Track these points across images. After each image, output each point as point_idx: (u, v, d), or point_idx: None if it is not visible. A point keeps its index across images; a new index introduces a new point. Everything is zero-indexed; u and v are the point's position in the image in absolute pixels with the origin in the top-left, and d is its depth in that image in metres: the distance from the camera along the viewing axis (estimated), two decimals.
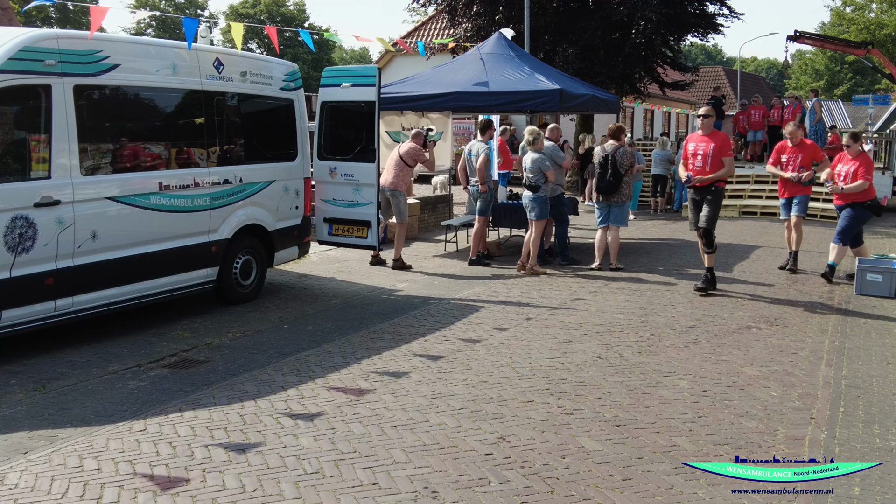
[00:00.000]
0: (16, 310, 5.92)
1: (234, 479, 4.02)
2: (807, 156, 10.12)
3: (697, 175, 8.64)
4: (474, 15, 19.73)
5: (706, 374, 5.89)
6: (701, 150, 8.67)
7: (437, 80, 12.01)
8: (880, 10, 39.82)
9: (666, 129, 33.67)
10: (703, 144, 8.66)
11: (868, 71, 49.54)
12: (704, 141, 8.69)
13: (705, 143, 8.67)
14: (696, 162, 8.72)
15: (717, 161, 8.59)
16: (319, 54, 61.68)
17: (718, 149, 8.59)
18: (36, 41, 6.02)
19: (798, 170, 9.99)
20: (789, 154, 10.19)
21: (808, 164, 10.05)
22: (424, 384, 5.56)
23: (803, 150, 10.15)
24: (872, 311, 8.17)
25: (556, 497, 3.86)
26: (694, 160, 8.74)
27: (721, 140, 8.76)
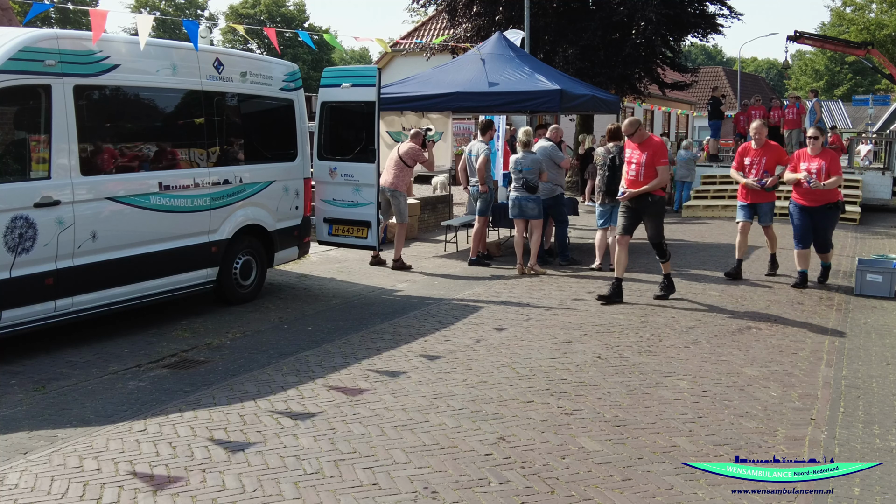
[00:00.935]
0: (16, 310, 5.92)
1: (233, 479, 4.02)
2: (771, 158, 9.38)
3: (631, 184, 8.21)
4: (474, 15, 19.74)
5: (706, 374, 5.89)
6: (635, 159, 8.25)
7: (438, 81, 12.01)
8: (880, 10, 39.83)
9: (666, 130, 33.67)
10: (637, 153, 8.22)
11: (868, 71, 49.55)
12: (638, 149, 8.24)
13: (639, 151, 8.22)
14: (629, 171, 8.32)
15: (651, 170, 8.15)
16: (319, 54, 61.65)
17: (652, 157, 8.14)
18: (36, 41, 6.02)
19: (762, 174, 9.33)
20: (753, 157, 9.46)
21: (772, 167, 9.34)
22: (424, 384, 5.56)
23: (768, 153, 9.41)
24: (872, 311, 8.17)
25: (556, 497, 3.86)
26: (629, 168, 8.36)
27: (655, 147, 8.24)
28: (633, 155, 8.28)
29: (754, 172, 9.36)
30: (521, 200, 9.75)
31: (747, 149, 9.56)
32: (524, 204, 9.74)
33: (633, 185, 8.26)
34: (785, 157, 9.52)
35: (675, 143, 21.44)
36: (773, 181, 9.32)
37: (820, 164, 8.87)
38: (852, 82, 61.73)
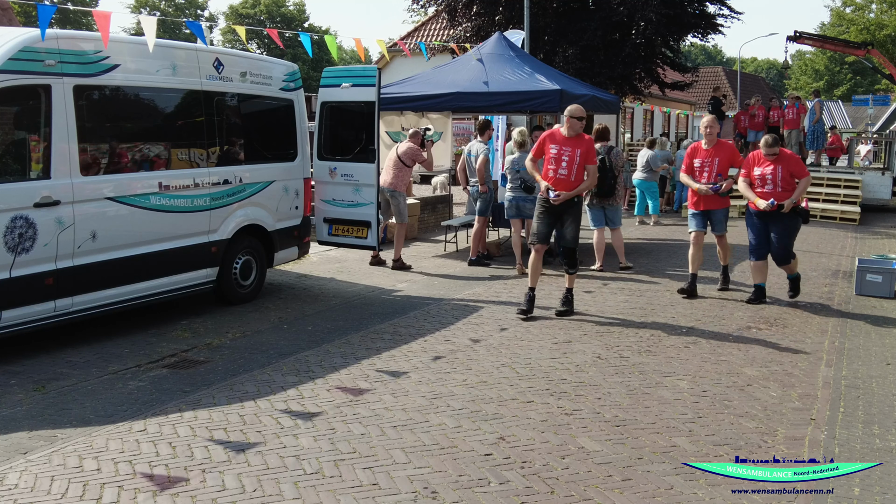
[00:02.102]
0: (16, 310, 5.92)
1: (233, 479, 4.02)
2: (724, 159, 8.35)
3: (560, 185, 7.37)
4: (474, 15, 19.74)
5: (706, 374, 5.89)
6: (566, 156, 7.42)
7: (437, 81, 12.00)
8: (880, 10, 39.86)
9: (666, 130, 33.66)
10: (569, 149, 7.41)
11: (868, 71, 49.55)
12: (570, 145, 7.43)
13: (571, 147, 7.42)
14: (559, 169, 7.43)
15: (582, 169, 7.44)
16: (319, 55, 61.60)
17: (585, 154, 7.43)
18: (36, 41, 6.02)
19: (714, 177, 8.30)
20: (703, 158, 8.38)
21: (725, 169, 8.36)
22: (424, 384, 5.56)
23: (720, 153, 8.35)
24: (872, 311, 8.17)
25: (555, 497, 3.86)
26: (557, 166, 7.45)
27: (587, 145, 7.49)
28: (564, 151, 7.42)
29: (706, 176, 8.34)
30: (519, 201, 9.75)
31: (697, 149, 8.52)
32: (521, 204, 9.74)
33: (562, 184, 7.44)
34: (739, 157, 8.62)
35: (675, 143, 21.44)
36: (728, 185, 8.30)
37: (775, 168, 8.00)
38: (852, 82, 61.76)
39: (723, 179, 8.33)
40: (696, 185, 8.42)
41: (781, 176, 7.95)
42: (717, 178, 8.32)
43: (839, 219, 16.23)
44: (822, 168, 18.54)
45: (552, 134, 7.63)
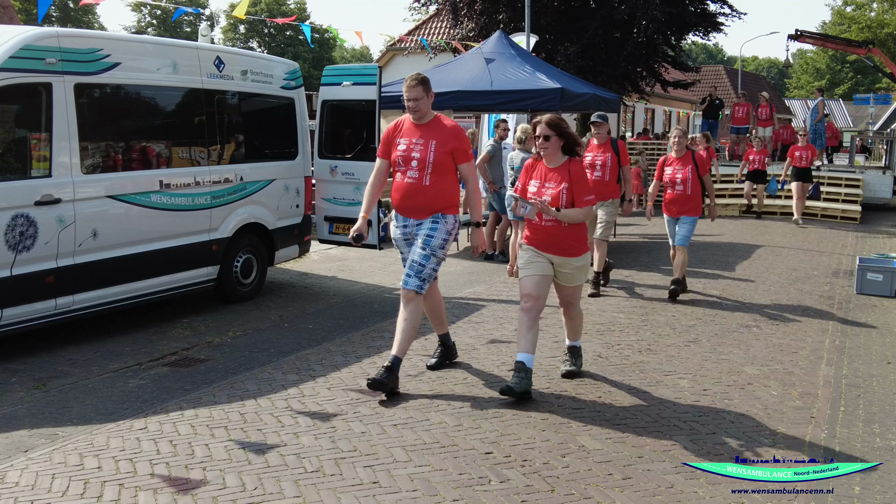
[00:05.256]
0: (17, 308, 5.92)
1: (234, 477, 4.02)
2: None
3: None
4: (476, 14, 19.73)
5: (706, 373, 5.89)
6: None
7: (439, 80, 11.99)
8: (881, 9, 39.82)
9: (667, 129, 33.66)
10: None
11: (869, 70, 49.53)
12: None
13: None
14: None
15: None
16: (320, 53, 61.64)
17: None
18: (37, 40, 6.02)
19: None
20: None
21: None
22: (425, 383, 5.56)
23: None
24: (873, 310, 8.17)
25: (556, 496, 3.86)
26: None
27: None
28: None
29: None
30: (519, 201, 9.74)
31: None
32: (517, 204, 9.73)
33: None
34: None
35: None
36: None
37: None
38: (853, 81, 61.74)
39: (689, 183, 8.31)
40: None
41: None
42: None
43: (840, 218, 16.23)
44: (823, 167, 18.52)
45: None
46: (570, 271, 5.34)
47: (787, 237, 13.82)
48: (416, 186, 5.34)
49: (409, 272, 5.35)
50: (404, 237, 5.52)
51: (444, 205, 5.39)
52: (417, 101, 5.32)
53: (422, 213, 5.39)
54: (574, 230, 5.28)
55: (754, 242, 13.00)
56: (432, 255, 5.35)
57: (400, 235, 5.54)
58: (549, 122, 5.24)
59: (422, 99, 5.32)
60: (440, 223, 5.37)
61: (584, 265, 5.41)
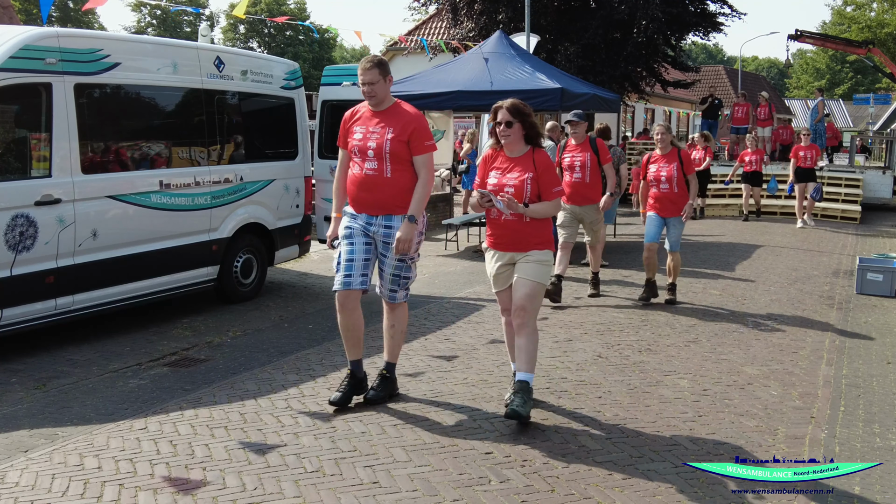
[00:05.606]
0: (16, 308, 5.92)
1: (234, 477, 4.02)
2: (680, 168, 7.89)
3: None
4: (476, 14, 19.73)
5: (706, 373, 5.89)
6: None
7: (439, 80, 12.01)
8: (881, 9, 39.82)
9: None
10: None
11: (869, 70, 49.52)
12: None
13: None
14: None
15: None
16: (320, 53, 61.66)
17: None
18: (37, 40, 6.03)
19: (670, 181, 7.85)
20: (660, 164, 7.98)
21: (681, 179, 7.87)
22: (425, 383, 5.56)
23: (674, 159, 7.91)
24: (873, 310, 8.17)
25: (556, 496, 3.86)
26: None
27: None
28: None
29: (663, 179, 7.90)
30: None
31: (653, 157, 8.13)
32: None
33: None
34: (691, 164, 8.12)
35: None
36: (687, 214, 8.00)
37: (671, 166, 7.85)
38: (853, 81, 61.75)
39: (674, 181, 7.85)
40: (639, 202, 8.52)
41: (676, 175, 7.87)
42: (672, 183, 7.88)
43: (840, 218, 16.22)
44: (824, 167, 18.52)
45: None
46: (528, 264, 4.79)
47: (787, 237, 13.81)
48: (377, 179, 4.84)
49: (393, 286, 5.03)
50: (364, 230, 4.93)
51: (409, 198, 4.90)
52: (373, 84, 4.82)
53: (384, 207, 4.88)
54: (536, 226, 4.82)
55: (754, 242, 13.00)
56: (411, 263, 5.05)
57: (360, 228, 4.93)
58: (512, 107, 4.86)
59: (378, 83, 4.83)
60: None
61: (544, 260, 4.84)
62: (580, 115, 8.31)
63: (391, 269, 4.98)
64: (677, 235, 8.10)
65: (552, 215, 4.95)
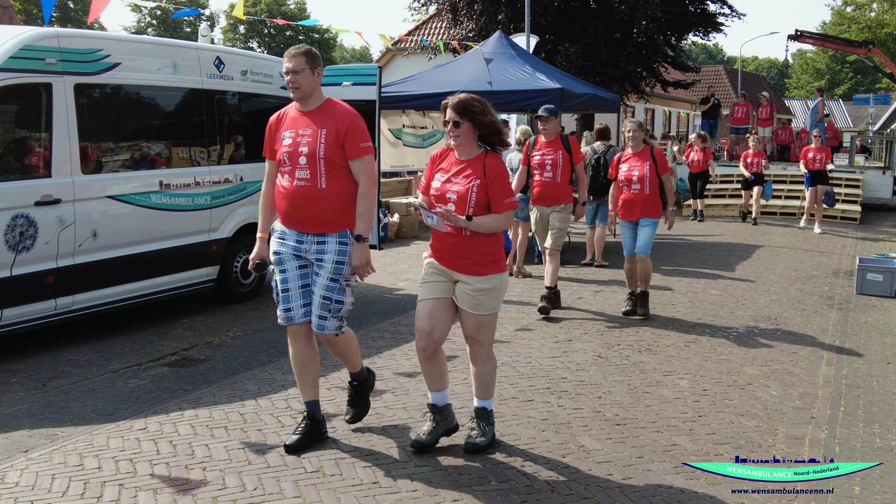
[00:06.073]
0: (16, 308, 5.92)
1: (234, 477, 4.02)
2: (653, 167, 7.43)
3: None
4: (476, 14, 19.74)
5: (706, 373, 5.89)
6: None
7: (439, 80, 12.01)
8: (881, 9, 39.84)
9: (667, 129, 33.67)
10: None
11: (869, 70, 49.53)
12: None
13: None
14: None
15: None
16: (320, 53, 61.51)
17: None
18: (37, 40, 6.02)
19: (642, 182, 7.41)
20: (631, 163, 7.52)
21: (654, 180, 7.44)
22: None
23: (648, 160, 7.43)
24: (873, 310, 8.17)
25: (556, 496, 3.86)
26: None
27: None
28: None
29: (635, 179, 7.45)
30: (519, 201, 9.74)
31: (625, 156, 7.67)
32: (521, 205, 9.73)
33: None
34: (668, 165, 7.64)
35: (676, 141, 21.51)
36: (671, 222, 7.89)
37: (643, 166, 7.41)
38: (853, 81, 61.76)
39: (646, 182, 7.42)
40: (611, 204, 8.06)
41: (648, 176, 7.42)
42: (643, 182, 7.43)
43: (840, 218, 16.21)
44: (834, 169, 18.44)
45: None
46: (470, 293, 4.13)
47: (786, 237, 13.82)
48: (310, 190, 4.17)
49: (322, 313, 4.30)
50: (295, 252, 4.29)
51: (350, 213, 4.24)
52: (297, 73, 4.18)
53: (320, 224, 4.21)
54: (481, 241, 4.13)
55: (754, 242, 13.00)
56: (346, 287, 4.29)
57: (290, 250, 4.30)
58: (459, 104, 4.17)
59: (303, 72, 4.20)
60: (349, 244, 4.26)
61: (492, 289, 4.15)
62: (551, 111, 7.71)
63: (321, 290, 4.26)
64: (648, 237, 7.50)
65: (501, 230, 4.24)
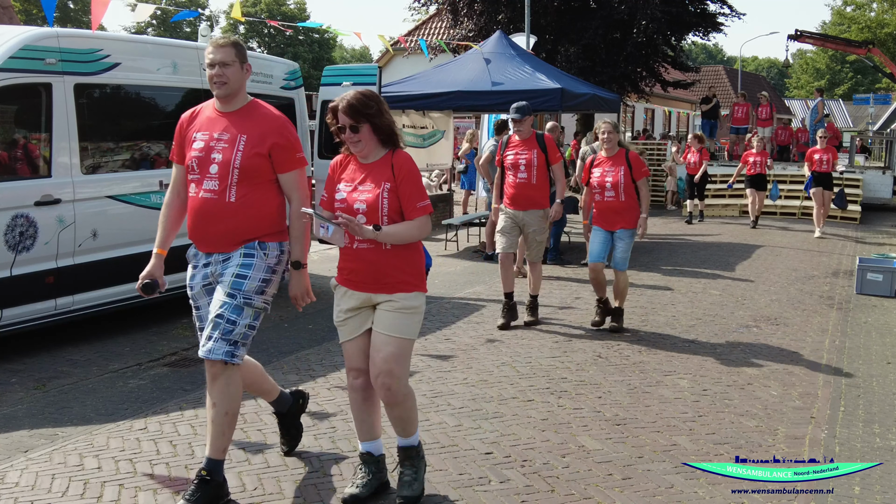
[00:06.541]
0: (16, 308, 5.92)
1: (234, 477, 4.02)
2: (628, 172, 6.90)
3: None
4: (476, 14, 19.75)
5: (706, 373, 5.89)
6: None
7: (439, 80, 12.02)
8: (881, 9, 39.85)
9: (667, 129, 33.67)
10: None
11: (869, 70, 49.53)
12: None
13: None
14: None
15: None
16: (320, 53, 61.69)
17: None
18: (37, 40, 6.03)
19: (616, 188, 6.86)
20: (604, 168, 6.99)
21: (629, 186, 6.90)
22: (424, 383, 5.56)
23: (622, 165, 6.91)
24: (873, 310, 8.17)
25: (556, 496, 3.86)
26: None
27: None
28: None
29: (608, 186, 6.90)
30: None
31: (599, 159, 7.11)
32: None
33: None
34: (645, 169, 7.05)
35: (677, 142, 21.52)
36: (643, 229, 7.04)
37: (617, 171, 6.89)
38: (853, 81, 61.76)
39: (621, 190, 6.87)
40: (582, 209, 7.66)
41: (623, 182, 6.91)
42: (618, 189, 6.89)
43: (840, 218, 16.21)
44: (844, 171, 18.44)
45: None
46: (394, 311, 3.57)
47: (787, 237, 13.82)
48: (217, 204, 3.62)
49: (211, 333, 3.62)
50: (205, 282, 3.77)
51: (263, 230, 3.68)
52: (226, 66, 3.68)
53: (228, 243, 3.66)
54: (403, 256, 3.60)
55: (754, 242, 13.00)
56: (246, 306, 3.63)
57: (200, 281, 3.79)
58: (352, 108, 3.54)
59: (232, 65, 3.71)
60: (256, 256, 3.67)
61: (417, 307, 3.65)
62: (523, 110, 7.12)
63: (216, 306, 3.64)
64: (625, 252, 6.97)
65: (418, 239, 3.67)
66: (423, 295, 3.69)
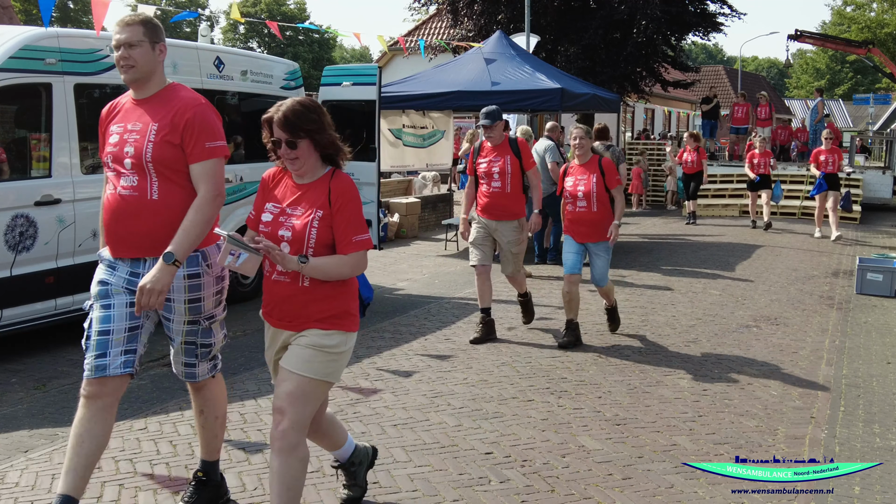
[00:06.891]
0: (17, 308, 5.92)
1: (234, 477, 4.02)
2: (601, 180, 6.51)
3: None
4: (476, 14, 19.75)
5: (706, 372, 5.89)
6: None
7: (439, 80, 12.03)
8: (881, 9, 39.84)
9: (667, 129, 33.67)
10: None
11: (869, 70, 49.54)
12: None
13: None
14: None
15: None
16: (320, 53, 61.70)
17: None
18: (37, 40, 6.03)
19: (588, 198, 6.50)
20: (577, 176, 6.63)
21: (602, 195, 6.51)
22: (424, 383, 5.56)
23: (595, 172, 6.53)
24: (873, 310, 8.17)
25: (556, 496, 3.86)
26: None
27: None
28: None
29: (580, 195, 6.55)
30: None
31: (572, 168, 6.77)
32: None
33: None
34: (617, 178, 6.63)
35: (677, 142, 21.50)
36: (614, 236, 6.57)
37: (588, 179, 6.52)
38: (853, 81, 61.73)
39: (594, 199, 6.52)
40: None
41: (595, 189, 6.55)
42: (590, 198, 6.54)
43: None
44: (851, 172, 18.40)
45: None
46: (302, 346, 3.07)
47: (787, 237, 13.82)
48: (135, 202, 3.26)
49: (189, 359, 3.46)
50: (129, 285, 3.28)
51: None
52: (132, 46, 3.29)
53: (152, 246, 3.26)
54: (326, 293, 3.09)
55: (754, 242, 13.00)
56: (211, 324, 3.48)
57: (123, 281, 3.29)
58: (287, 121, 3.03)
59: (140, 45, 3.31)
60: (202, 275, 3.44)
61: (332, 346, 3.09)
62: (492, 115, 6.70)
63: (181, 335, 3.41)
64: (604, 267, 6.63)
65: (348, 277, 3.14)
66: (346, 334, 3.12)
